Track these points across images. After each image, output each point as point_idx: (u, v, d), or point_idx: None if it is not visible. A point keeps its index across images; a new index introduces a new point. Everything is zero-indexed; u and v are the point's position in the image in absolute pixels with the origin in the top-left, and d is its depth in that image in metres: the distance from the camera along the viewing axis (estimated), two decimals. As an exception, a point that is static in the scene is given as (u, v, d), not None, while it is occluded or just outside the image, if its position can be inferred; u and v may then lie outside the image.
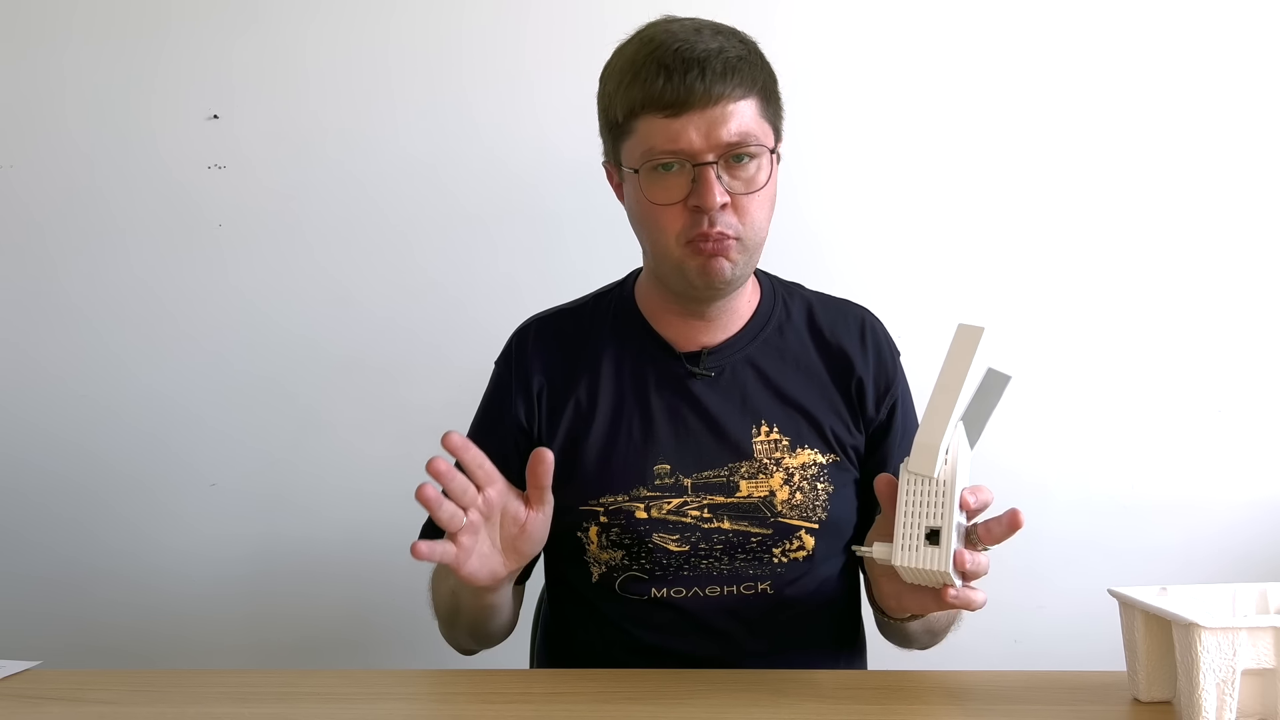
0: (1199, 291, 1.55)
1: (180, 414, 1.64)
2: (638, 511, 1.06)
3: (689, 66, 0.95)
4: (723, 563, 1.06)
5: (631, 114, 0.99)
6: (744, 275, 1.04)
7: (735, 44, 0.99)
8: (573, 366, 1.12)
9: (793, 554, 1.07)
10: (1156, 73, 1.54)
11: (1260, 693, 0.78)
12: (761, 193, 1.00)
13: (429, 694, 0.94)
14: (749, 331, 1.11)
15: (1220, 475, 1.56)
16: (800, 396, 1.09)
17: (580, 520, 1.07)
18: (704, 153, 0.97)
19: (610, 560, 1.07)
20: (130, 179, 1.63)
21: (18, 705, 0.92)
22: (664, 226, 1.00)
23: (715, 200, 0.97)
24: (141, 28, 1.61)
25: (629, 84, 0.99)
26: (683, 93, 0.95)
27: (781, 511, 1.06)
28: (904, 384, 1.16)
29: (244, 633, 1.65)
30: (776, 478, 1.07)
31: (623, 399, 1.09)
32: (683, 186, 0.99)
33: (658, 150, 0.98)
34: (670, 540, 1.05)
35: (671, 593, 1.06)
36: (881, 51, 1.56)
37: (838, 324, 1.14)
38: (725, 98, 0.96)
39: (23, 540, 1.67)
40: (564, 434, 1.09)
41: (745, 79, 0.98)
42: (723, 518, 1.06)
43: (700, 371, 1.09)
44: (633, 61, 0.99)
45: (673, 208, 0.99)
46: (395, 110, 1.60)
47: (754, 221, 1.01)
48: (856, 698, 0.88)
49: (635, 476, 1.06)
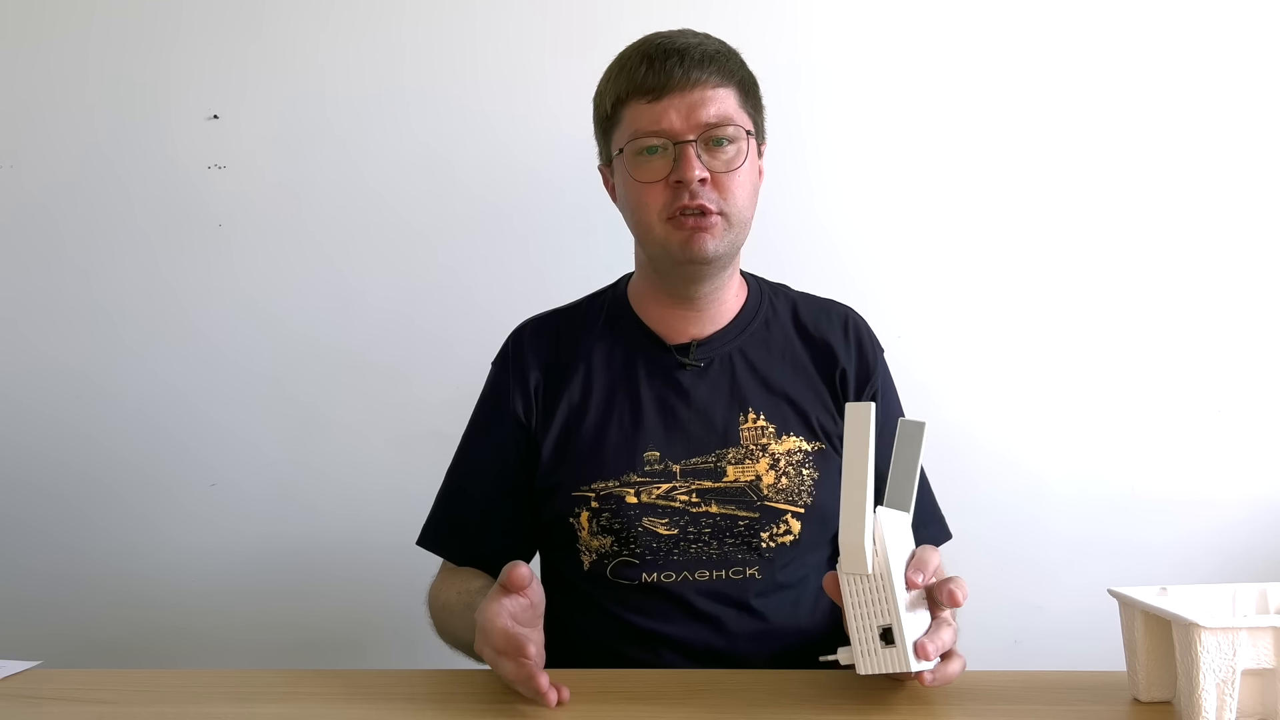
0: (1199, 291, 1.55)
1: (181, 414, 1.64)
2: (628, 496, 1.09)
3: (669, 55, 1.04)
4: (711, 547, 1.08)
5: (618, 102, 1.07)
6: (729, 252, 1.08)
7: (715, 42, 1.08)
8: (567, 361, 1.16)
9: (780, 539, 1.09)
10: (1157, 73, 1.54)
11: (1260, 693, 0.78)
12: (740, 171, 1.06)
13: (429, 694, 0.94)
14: (737, 325, 1.16)
15: (1220, 475, 1.56)
16: (786, 386, 1.13)
17: (572, 506, 1.10)
18: (684, 132, 1.04)
19: (601, 547, 1.10)
20: (130, 179, 1.63)
21: (18, 705, 0.92)
22: (648, 203, 1.06)
23: (694, 173, 1.03)
24: (141, 28, 1.61)
25: (616, 76, 1.08)
26: (663, 78, 1.04)
27: (768, 495, 1.09)
28: (886, 376, 1.20)
29: (244, 632, 1.65)
30: (763, 463, 1.10)
31: (614, 389, 1.14)
32: (665, 166, 1.05)
33: (641, 132, 1.05)
34: (659, 524, 1.08)
35: (661, 577, 1.08)
36: (894, 52, 1.56)
37: (821, 320, 1.18)
38: (704, 83, 1.04)
39: (24, 540, 1.67)
40: (559, 424, 1.13)
41: (723, 69, 1.06)
42: (710, 502, 1.09)
43: (689, 362, 1.13)
44: (621, 59, 1.09)
45: (656, 185, 1.05)
46: (395, 110, 1.60)
47: (735, 199, 1.06)
48: (856, 697, 0.88)
49: (625, 463, 1.10)
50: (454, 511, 1.19)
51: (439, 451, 1.23)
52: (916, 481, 0.86)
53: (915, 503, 1.12)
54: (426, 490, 1.22)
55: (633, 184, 1.07)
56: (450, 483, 1.20)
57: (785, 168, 1.49)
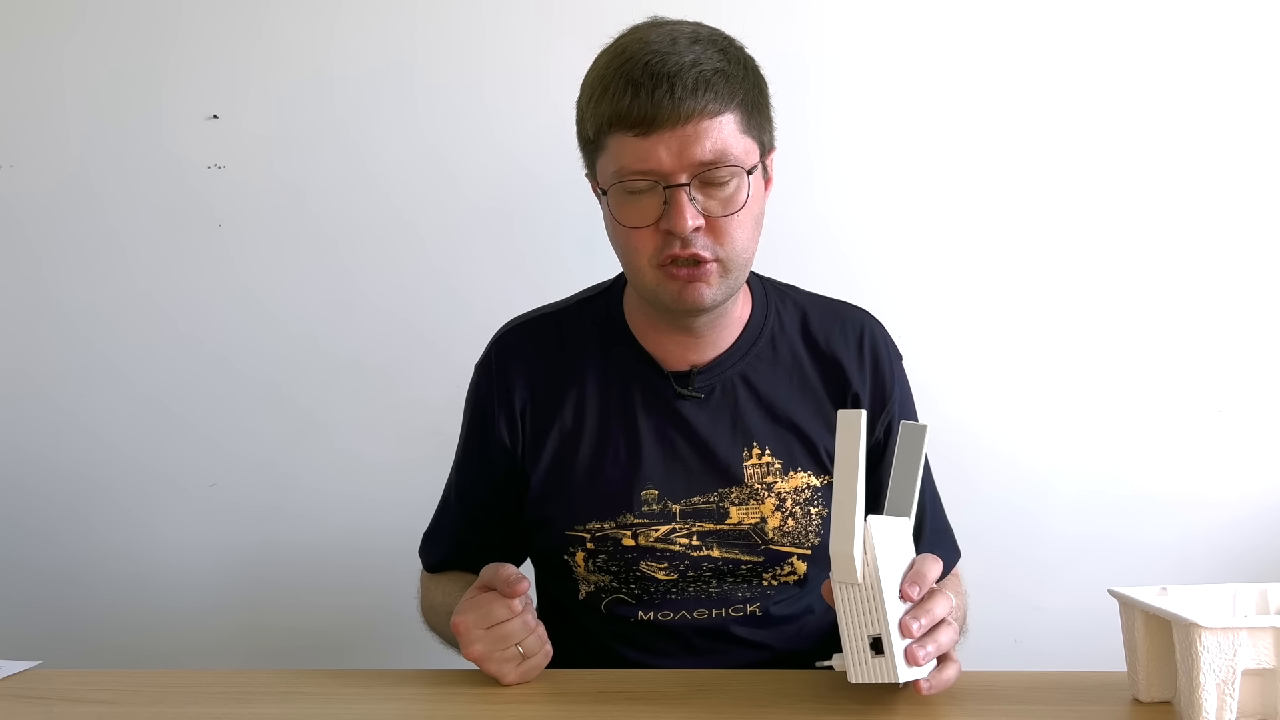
0: (1199, 291, 1.55)
1: (179, 414, 1.64)
2: (624, 539, 1.03)
3: (658, 82, 0.89)
4: (711, 586, 1.04)
5: (601, 130, 0.94)
6: (727, 296, 0.99)
7: (713, 54, 0.92)
8: (557, 381, 1.07)
9: (783, 578, 1.06)
10: (1158, 73, 1.54)
11: (1260, 693, 0.77)
12: (741, 213, 0.94)
13: (429, 694, 0.94)
14: (740, 347, 1.07)
15: (1221, 474, 1.56)
16: (793, 413, 1.06)
17: (567, 545, 1.05)
18: (676, 174, 0.91)
19: (599, 582, 1.06)
20: (130, 179, 1.63)
21: (18, 705, 0.92)
22: (636, 248, 0.95)
23: (687, 225, 0.91)
24: (141, 28, 1.61)
25: (599, 99, 0.93)
26: (650, 110, 0.89)
27: (773, 539, 1.04)
28: (903, 392, 1.12)
29: (244, 632, 1.65)
30: (768, 503, 1.04)
31: (609, 420, 1.05)
32: (655, 208, 0.93)
33: (627, 170, 0.93)
34: (658, 569, 1.03)
35: (659, 616, 1.05)
36: (901, 50, 1.56)
37: (833, 333, 1.09)
38: (698, 114, 0.90)
39: (23, 540, 1.66)
40: (549, 455, 1.06)
41: (721, 93, 0.91)
42: (712, 545, 1.03)
43: (689, 393, 1.05)
44: (603, 75, 0.94)
45: (645, 230, 0.94)
46: (395, 110, 1.60)
47: (734, 243, 0.95)
48: (856, 697, 0.88)
49: (622, 503, 1.03)
50: (444, 525, 1.17)
51: (438, 451, 1.22)
52: (918, 486, 0.85)
53: (926, 523, 1.09)
54: (426, 490, 1.22)
55: (619, 227, 0.96)
56: (444, 495, 1.18)
57: (790, 166, 1.48)
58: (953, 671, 0.84)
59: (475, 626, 0.90)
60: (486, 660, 0.91)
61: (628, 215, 0.95)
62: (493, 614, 0.90)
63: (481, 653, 0.91)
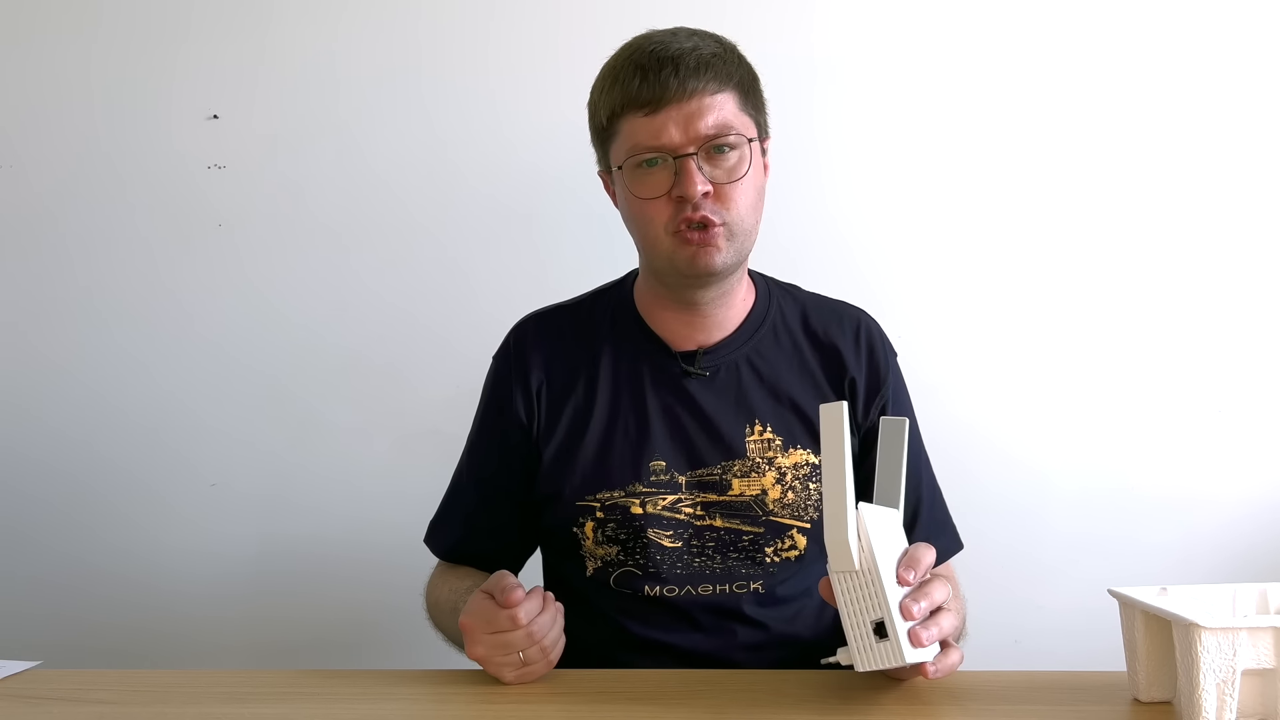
0: (1199, 291, 1.55)
1: (180, 414, 1.64)
2: (633, 507, 1.08)
3: (663, 64, 1.00)
4: (715, 561, 1.08)
5: (614, 116, 1.04)
6: (735, 262, 1.06)
7: (710, 43, 1.03)
8: (571, 364, 1.14)
9: (785, 553, 1.09)
10: (1158, 74, 1.54)
11: (1260, 693, 0.77)
12: (744, 180, 1.03)
13: (429, 694, 0.94)
14: (744, 331, 1.13)
15: (1220, 474, 1.56)
16: (794, 394, 1.12)
17: (577, 515, 1.10)
18: (684, 145, 1.01)
19: (606, 555, 1.09)
20: (131, 178, 1.63)
21: (18, 705, 0.92)
22: (651, 218, 1.04)
23: (696, 189, 1.00)
24: (141, 28, 1.61)
25: (610, 88, 1.04)
26: (658, 90, 1.00)
27: (773, 510, 1.08)
28: (898, 385, 1.17)
29: (244, 633, 1.65)
30: (768, 476, 1.09)
31: (619, 397, 1.12)
32: (666, 180, 1.02)
33: (640, 147, 1.02)
34: (664, 536, 1.08)
35: (665, 590, 1.08)
36: (906, 49, 1.56)
37: (831, 325, 1.16)
38: (700, 91, 1.01)
39: (23, 540, 1.67)
40: (563, 431, 1.12)
41: (720, 74, 1.02)
42: (715, 515, 1.08)
43: (695, 371, 1.11)
44: (613, 68, 1.05)
45: (658, 200, 1.03)
46: (395, 110, 1.60)
47: (738, 208, 1.03)
48: (856, 697, 0.88)
49: (631, 472, 1.09)
50: (454, 510, 1.20)
51: (439, 451, 1.23)
52: (903, 477, 0.87)
53: (923, 514, 1.12)
54: (426, 489, 1.22)
55: (634, 200, 1.05)
56: (454, 480, 1.21)
57: (795, 164, 1.49)
58: (956, 656, 0.86)
59: (480, 630, 0.93)
60: (487, 662, 0.94)
61: (642, 188, 1.04)
62: (496, 622, 0.92)
63: (483, 655, 0.94)
